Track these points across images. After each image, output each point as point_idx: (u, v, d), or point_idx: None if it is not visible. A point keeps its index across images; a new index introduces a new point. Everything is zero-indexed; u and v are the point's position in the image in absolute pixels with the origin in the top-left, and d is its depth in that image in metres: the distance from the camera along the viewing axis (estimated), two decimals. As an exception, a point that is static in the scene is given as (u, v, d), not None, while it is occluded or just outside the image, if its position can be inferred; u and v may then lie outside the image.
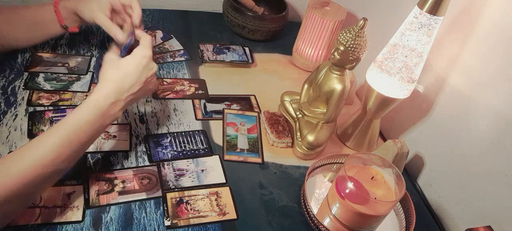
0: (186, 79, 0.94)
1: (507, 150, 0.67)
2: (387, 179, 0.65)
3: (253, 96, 0.94)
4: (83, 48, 0.94)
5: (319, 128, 0.80)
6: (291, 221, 0.70)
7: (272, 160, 0.80)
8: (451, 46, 0.78)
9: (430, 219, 0.78)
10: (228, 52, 1.04)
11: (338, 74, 0.76)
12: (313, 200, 0.72)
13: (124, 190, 0.67)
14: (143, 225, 0.63)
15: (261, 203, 0.71)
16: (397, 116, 0.92)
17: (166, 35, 1.05)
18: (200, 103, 0.88)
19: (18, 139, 0.71)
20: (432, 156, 0.84)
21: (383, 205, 0.61)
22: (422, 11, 0.67)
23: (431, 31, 0.69)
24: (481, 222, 0.70)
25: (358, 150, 0.88)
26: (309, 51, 1.04)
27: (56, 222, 0.61)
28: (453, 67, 0.77)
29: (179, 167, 0.73)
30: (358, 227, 0.64)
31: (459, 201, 0.77)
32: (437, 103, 0.81)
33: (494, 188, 0.70)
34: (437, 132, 0.82)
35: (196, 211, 0.67)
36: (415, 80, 0.75)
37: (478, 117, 0.73)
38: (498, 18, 0.68)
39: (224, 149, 0.79)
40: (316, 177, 0.77)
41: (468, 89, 0.74)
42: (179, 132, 0.80)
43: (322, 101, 0.80)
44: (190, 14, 1.17)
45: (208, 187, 0.71)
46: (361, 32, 0.70)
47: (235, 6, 1.08)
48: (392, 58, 0.73)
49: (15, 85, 0.81)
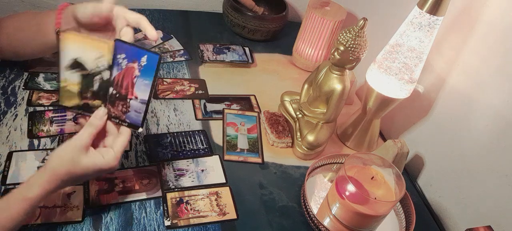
0: (186, 79, 0.94)
1: (507, 150, 0.67)
2: (387, 179, 0.65)
3: (253, 96, 0.94)
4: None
5: (319, 128, 0.80)
6: (291, 221, 0.70)
7: (272, 160, 0.80)
8: (451, 46, 0.78)
9: (430, 219, 0.78)
10: (228, 52, 1.04)
11: (338, 74, 0.76)
12: (313, 200, 0.72)
13: (124, 190, 0.67)
14: (143, 225, 0.63)
15: (261, 203, 0.71)
16: (397, 116, 0.92)
17: (166, 35, 1.05)
18: (200, 103, 0.88)
19: (18, 139, 0.71)
20: (432, 156, 0.84)
21: (383, 205, 0.61)
22: (422, 11, 0.67)
23: (431, 31, 0.69)
24: (481, 222, 0.70)
25: (358, 150, 0.88)
26: (309, 51, 1.04)
27: (56, 222, 0.61)
28: (453, 67, 0.77)
29: (179, 167, 0.73)
30: (358, 227, 0.64)
31: (459, 201, 0.77)
32: (437, 103, 0.81)
33: (494, 188, 0.70)
34: (437, 132, 0.82)
35: (196, 211, 0.67)
36: (415, 80, 0.75)
37: (478, 117, 0.73)
38: (498, 18, 0.68)
39: (224, 149, 0.79)
40: (316, 177, 0.77)
41: (468, 89, 0.74)
42: (179, 132, 0.80)
43: (322, 101, 0.80)
44: (190, 14, 1.17)
45: (208, 187, 0.71)
46: (361, 32, 0.70)
47: (235, 6, 1.08)
48: (392, 58, 0.73)
49: (15, 85, 0.81)
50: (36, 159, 0.68)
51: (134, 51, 0.58)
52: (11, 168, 0.66)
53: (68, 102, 0.61)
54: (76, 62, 0.59)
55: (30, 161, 0.68)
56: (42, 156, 0.69)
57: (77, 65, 0.59)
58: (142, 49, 0.58)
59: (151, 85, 0.59)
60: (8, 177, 0.65)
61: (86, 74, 0.59)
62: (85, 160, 0.56)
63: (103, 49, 0.58)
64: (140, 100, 0.59)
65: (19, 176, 0.65)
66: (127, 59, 0.59)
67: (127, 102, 0.60)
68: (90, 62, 0.59)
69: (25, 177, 0.65)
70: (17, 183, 0.64)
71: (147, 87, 0.59)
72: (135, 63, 0.58)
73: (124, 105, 0.60)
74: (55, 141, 0.72)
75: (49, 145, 0.71)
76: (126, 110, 0.60)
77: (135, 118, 0.60)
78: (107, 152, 0.58)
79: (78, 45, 0.58)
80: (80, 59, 0.59)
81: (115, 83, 0.60)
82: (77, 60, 0.59)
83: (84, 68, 0.59)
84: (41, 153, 0.69)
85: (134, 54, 0.58)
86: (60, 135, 0.73)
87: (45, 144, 0.71)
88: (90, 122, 0.59)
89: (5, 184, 0.64)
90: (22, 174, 0.66)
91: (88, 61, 0.59)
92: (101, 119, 0.60)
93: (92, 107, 0.61)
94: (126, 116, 0.61)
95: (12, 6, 1.10)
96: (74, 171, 0.55)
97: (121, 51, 0.58)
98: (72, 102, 0.61)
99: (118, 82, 0.60)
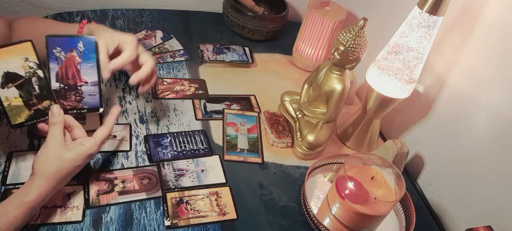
0: (186, 79, 0.94)
1: (507, 150, 0.67)
2: (387, 179, 0.65)
3: (253, 96, 0.94)
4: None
5: (319, 128, 0.80)
6: (291, 221, 0.70)
7: (272, 160, 0.80)
8: (451, 46, 0.78)
9: (430, 219, 0.78)
10: (228, 52, 1.04)
11: (338, 74, 0.76)
12: (313, 200, 0.72)
13: (124, 190, 0.67)
14: (143, 225, 0.63)
15: (261, 203, 0.71)
16: (397, 116, 0.92)
17: (166, 35, 1.05)
18: (200, 103, 0.88)
19: (18, 139, 0.71)
20: (432, 156, 0.84)
21: (383, 205, 0.61)
22: (422, 11, 0.67)
23: (431, 31, 0.69)
24: (481, 222, 0.70)
25: (358, 150, 0.88)
26: (309, 51, 1.04)
27: (56, 222, 0.61)
28: (453, 67, 0.77)
29: (179, 167, 0.73)
30: (358, 227, 0.64)
31: (459, 201, 0.77)
32: (437, 103, 0.81)
33: (494, 188, 0.70)
34: (437, 132, 0.82)
35: (196, 211, 0.67)
36: (415, 80, 0.75)
37: (478, 117, 0.73)
38: (498, 18, 0.68)
39: (224, 149, 0.79)
40: (316, 177, 0.77)
41: (468, 89, 0.74)
42: (179, 132, 0.80)
43: (322, 101, 0.80)
44: (190, 14, 1.17)
45: (208, 187, 0.71)
46: (361, 32, 0.70)
47: (235, 6, 1.08)
48: (392, 58, 0.73)
49: (15, 85, 0.81)
50: (36, 159, 0.68)
51: (68, 41, 0.60)
52: (11, 168, 0.66)
53: (19, 119, 0.60)
54: (8, 75, 0.58)
55: (30, 161, 0.68)
56: (42, 156, 0.69)
57: (11, 78, 0.58)
58: (75, 36, 0.60)
59: (96, 66, 0.61)
60: (8, 177, 0.65)
61: (22, 82, 0.59)
62: (68, 154, 0.58)
63: (25, 50, 0.58)
64: (91, 83, 0.62)
65: (19, 176, 0.65)
66: (64, 51, 0.60)
67: (79, 90, 0.62)
68: (21, 68, 0.58)
69: (25, 177, 0.65)
70: (17, 183, 0.64)
71: (93, 70, 0.61)
72: (73, 51, 0.60)
73: (76, 94, 0.62)
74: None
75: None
76: (80, 97, 0.62)
77: (91, 101, 0.63)
78: (86, 140, 0.61)
79: (2, 57, 0.57)
80: (11, 70, 0.58)
81: (60, 77, 0.61)
82: (9, 73, 0.58)
83: (18, 77, 0.58)
84: (41, 153, 0.69)
85: (69, 43, 0.60)
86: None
87: (45, 144, 0.71)
88: (51, 122, 0.60)
89: (5, 184, 0.64)
90: (22, 174, 0.66)
91: (18, 68, 0.58)
92: (59, 114, 0.60)
93: (44, 110, 0.61)
94: (82, 103, 0.62)
95: (12, 6, 1.10)
96: (63, 167, 0.58)
97: (54, 45, 0.60)
98: (23, 116, 0.60)
99: (63, 75, 0.61)
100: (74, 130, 0.62)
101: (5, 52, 0.57)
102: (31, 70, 0.59)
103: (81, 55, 0.61)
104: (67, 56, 0.60)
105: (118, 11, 1.09)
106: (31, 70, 0.59)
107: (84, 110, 0.63)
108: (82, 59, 0.61)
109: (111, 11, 1.08)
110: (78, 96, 0.62)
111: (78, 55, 0.61)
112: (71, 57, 0.61)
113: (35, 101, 0.60)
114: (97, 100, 0.63)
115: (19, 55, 0.58)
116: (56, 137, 0.59)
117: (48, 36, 0.59)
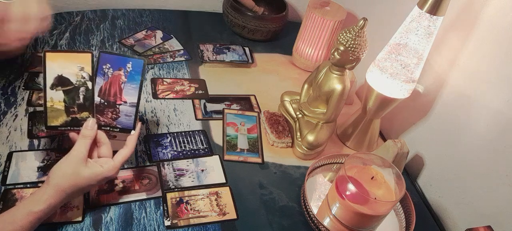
0: (186, 79, 0.94)
1: (507, 150, 0.67)
2: (387, 179, 0.65)
3: (253, 96, 0.94)
4: (83, 48, 0.94)
5: (319, 128, 0.80)
6: (291, 221, 0.70)
7: (272, 160, 0.80)
8: (451, 46, 0.78)
9: (430, 219, 0.78)
10: (228, 52, 1.04)
11: (338, 74, 0.76)
12: (313, 200, 0.72)
13: (124, 190, 0.67)
14: (143, 225, 0.63)
15: (261, 203, 0.71)
16: (397, 116, 0.92)
17: (166, 35, 1.05)
18: (200, 103, 0.88)
19: (18, 139, 0.71)
20: (432, 156, 0.84)
21: (383, 205, 0.61)
22: (422, 11, 0.67)
23: (431, 31, 0.69)
24: (481, 222, 0.70)
25: (358, 150, 0.88)
26: (309, 51, 1.04)
27: (56, 222, 0.61)
28: (453, 67, 0.77)
29: (179, 167, 0.73)
30: (358, 227, 0.64)
31: (459, 201, 0.77)
32: (437, 104, 0.81)
33: (494, 188, 0.70)
34: (437, 132, 0.82)
35: (196, 211, 0.67)
36: (415, 80, 0.75)
37: (478, 117, 0.73)
38: (498, 18, 0.68)
39: (224, 149, 0.79)
40: (316, 177, 0.77)
41: (468, 89, 0.74)
42: (179, 132, 0.80)
43: (322, 101, 0.80)
44: (190, 14, 1.17)
45: (208, 187, 0.71)
46: (361, 32, 0.70)
47: (235, 6, 1.08)
48: (392, 58, 0.73)
49: (15, 85, 0.81)
50: (36, 159, 0.68)
51: (118, 59, 0.61)
52: (11, 168, 0.66)
53: (55, 122, 0.61)
54: (61, 79, 0.60)
55: (30, 161, 0.68)
56: (42, 156, 0.69)
57: (62, 82, 0.60)
58: (126, 57, 0.61)
59: (138, 88, 0.62)
60: (8, 177, 0.65)
61: (71, 89, 0.60)
62: (86, 171, 0.58)
63: (84, 60, 0.60)
64: (130, 104, 0.62)
65: (19, 176, 0.65)
66: (113, 68, 0.61)
67: (117, 109, 0.62)
68: (74, 76, 0.60)
69: (25, 177, 0.65)
70: (17, 183, 0.64)
71: (135, 91, 0.62)
72: (121, 70, 0.61)
73: (113, 112, 0.62)
74: (55, 141, 0.72)
75: (49, 145, 0.71)
76: (116, 116, 0.62)
77: (126, 122, 0.63)
78: (106, 162, 0.60)
79: (61, 61, 0.59)
80: (65, 74, 0.60)
81: (102, 92, 0.62)
82: (62, 76, 0.60)
83: (69, 83, 0.60)
84: (41, 153, 0.69)
85: (119, 62, 0.61)
86: (60, 136, 0.73)
87: (45, 144, 0.71)
88: (82, 134, 0.60)
89: (5, 184, 0.64)
90: (22, 174, 0.66)
91: (72, 75, 0.60)
92: (93, 128, 0.61)
93: (80, 120, 0.62)
94: (117, 121, 0.63)
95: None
96: (77, 183, 0.57)
97: (105, 61, 0.61)
98: (60, 120, 0.61)
99: (105, 91, 0.62)
100: (102, 146, 0.62)
101: (65, 57, 0.59)
102: (82, 80, 0.61)
103: (127, 75, 0.62)
104: (114, 73, 0.61)
105: (118, 11, 1.09)
106: (82, 80, 0.61)
107: (116, 129, 0.63)
108: (127, 79, 0.62)
109: (111, 11, 1.08)
110: (114, 114, 0.63)
111: (124, 74, 0.62)
112: (117, 75, 0.62)
113: (76, 110, 0.61)
114: (131, 122, 0.63)
115: (76, 63, 0.60)
116: (81, 151, 0.59)
117: (102, 52, 0.61)
